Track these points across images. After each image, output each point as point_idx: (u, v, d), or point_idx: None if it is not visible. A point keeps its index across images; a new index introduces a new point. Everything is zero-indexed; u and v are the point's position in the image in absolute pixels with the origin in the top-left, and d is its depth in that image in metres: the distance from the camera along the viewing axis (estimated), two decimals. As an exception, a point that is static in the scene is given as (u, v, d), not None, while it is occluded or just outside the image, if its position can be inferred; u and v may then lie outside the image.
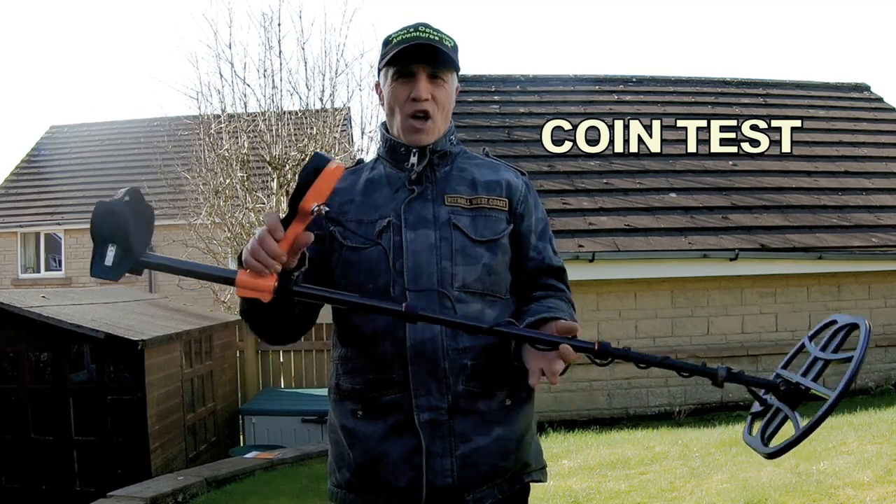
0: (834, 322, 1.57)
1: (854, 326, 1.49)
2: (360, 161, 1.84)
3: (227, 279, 1.43)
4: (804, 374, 1.50)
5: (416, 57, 1.64)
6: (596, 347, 1.44)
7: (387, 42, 1.69)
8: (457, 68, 1.71)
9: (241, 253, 1.42)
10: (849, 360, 1.40)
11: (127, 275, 1.38)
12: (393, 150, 1.71)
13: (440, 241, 1.62)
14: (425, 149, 1.68)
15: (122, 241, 1.35)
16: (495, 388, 1.63)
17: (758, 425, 1.53)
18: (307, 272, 1.52)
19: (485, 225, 1.67)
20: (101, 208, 1.35)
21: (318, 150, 1.55)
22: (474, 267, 1.63)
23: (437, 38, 1.65)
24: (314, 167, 1.36)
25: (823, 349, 1.52)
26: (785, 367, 1.57)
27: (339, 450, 1.68)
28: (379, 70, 1.74)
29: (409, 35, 1.65)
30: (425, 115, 1.66)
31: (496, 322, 1.46)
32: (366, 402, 1.62)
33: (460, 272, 1.61)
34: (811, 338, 1.59)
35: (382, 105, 1.76)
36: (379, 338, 1.60)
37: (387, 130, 1.75)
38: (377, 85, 1.77)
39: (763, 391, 1.53)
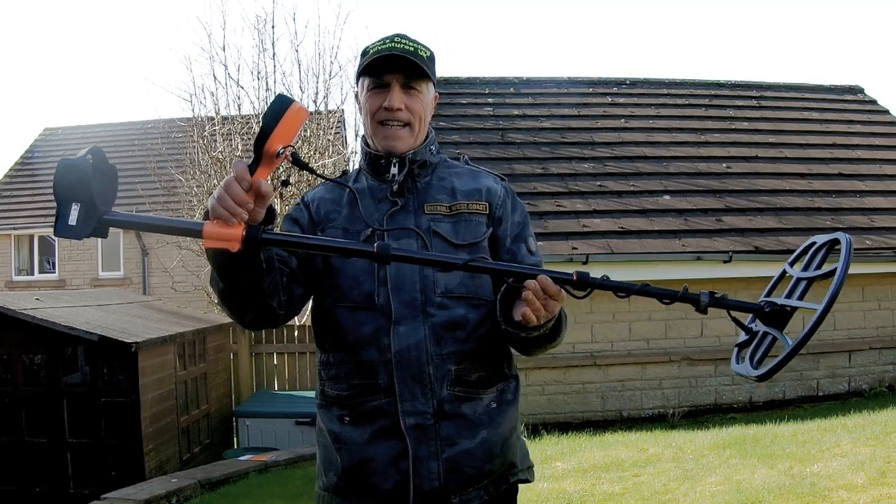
0: (813, 244, 1.52)
1: (834, 242, 1.45)
2: (345, 172, 1.88)
3: (194, 231, 1.36)
4: (788, 297, 1.46)
5: (390, 67, 1.67)
6: (574, 278, 1.39)
7: (364, 53, 1.71)
8: (432, 78, 1.73)
9: (207, 208, 1.38)
10: (832, 273, 1.36)
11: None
12: (373, 162, 1.73)
13: (421, 248, 1.64)
14: (405, 158, 1.70)
15: (86, 199, 1.29)
16: (480, 392, 1.65)
17: (745, 354, 1.49)
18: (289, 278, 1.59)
19: (465, 229, 1.69)
20: (63, 166, 1.29)
21: (280, 93, 1.50)
22: (456, 272, 1.64)
23: (411, 48, 1.67)
24: (277, 109, 1.33)
25: (805, 269, 1.48)
26: (767, 295, 1.51)
27: (326, 454, 1.70)
28: (357, 80, 1.77)
29: (384, 46, 1.67)
30: (399, 124, 1.68)
31: (470, 258, 1.44)
32: (352, 407, 1.63)
33: (442, 278, 1.63)
34: (791, 263, 1.55)
35: (361, 115, 1.78)
36: (363, 344, 1.62)
37: (367, 144, 1.77)
38: (356, 95, 1.80)
39: (749, 319, 1.50)
